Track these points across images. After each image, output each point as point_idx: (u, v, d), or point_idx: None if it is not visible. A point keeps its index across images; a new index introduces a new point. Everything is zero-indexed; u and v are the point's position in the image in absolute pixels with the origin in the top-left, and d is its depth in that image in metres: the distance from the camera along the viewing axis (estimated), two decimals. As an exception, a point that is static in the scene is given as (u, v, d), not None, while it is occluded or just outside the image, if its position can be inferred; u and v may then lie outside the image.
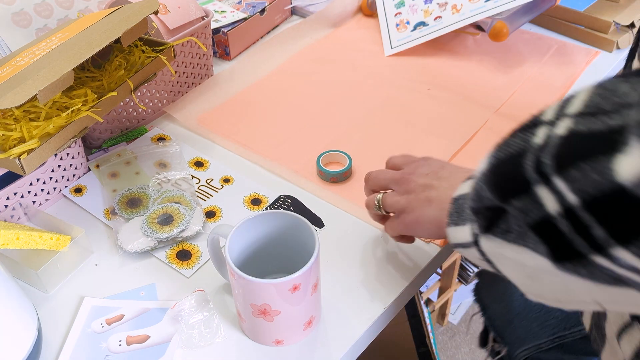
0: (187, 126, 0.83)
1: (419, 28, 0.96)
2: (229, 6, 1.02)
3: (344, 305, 0.59)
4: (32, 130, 0.63)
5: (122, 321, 0.58)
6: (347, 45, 1.00)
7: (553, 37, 0.99)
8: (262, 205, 0.70)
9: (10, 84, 0.59)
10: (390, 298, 0.59)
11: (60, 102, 0.67)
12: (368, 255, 0.63)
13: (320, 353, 0.55)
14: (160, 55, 0.74)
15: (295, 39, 1.01)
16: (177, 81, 0.87)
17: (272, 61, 0.96)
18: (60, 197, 0.72)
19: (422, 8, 0.97)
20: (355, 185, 0.72)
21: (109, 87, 0.71)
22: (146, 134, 0.81)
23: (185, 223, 0.66)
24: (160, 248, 0.65)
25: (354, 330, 0.56)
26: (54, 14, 0.82)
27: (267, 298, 0.50)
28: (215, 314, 0.57)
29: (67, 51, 0.62)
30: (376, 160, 0.76)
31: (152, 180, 0.73)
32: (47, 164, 0.69)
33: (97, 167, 0.75)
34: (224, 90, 0.90)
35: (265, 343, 0.55)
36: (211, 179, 0.74)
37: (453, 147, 0.76)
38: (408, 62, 0.95)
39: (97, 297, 0.60)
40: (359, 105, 0.85)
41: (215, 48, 0.98)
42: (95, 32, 0.65)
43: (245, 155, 0.77)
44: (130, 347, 0.56)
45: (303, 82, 0.91)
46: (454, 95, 0.86)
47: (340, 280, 0.61)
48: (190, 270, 0.63)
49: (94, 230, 0.68)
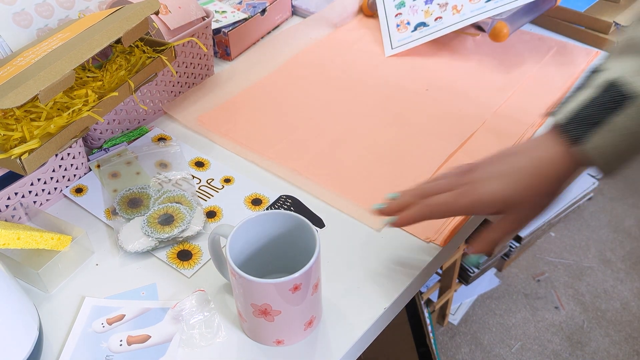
0: (188, 126, 0.83)
1: (419, 28, 0.96)
2: (229, 6, 1.02)
3: (345, 305, 0.59)
4: (33, 130, 0.63)
5: (123, 321, 0.58)
6: (347, 45, 1.00)
7: (553, 38, 0.99)
8: (262, 205, 0.70)
9: (11, 84, 0.59)
10: (390, 298, 0.59)
11: (61, 102, 0.67)
12: (368, 255, 0.63)
13: (321, 353, 0.55)
14: (161, 55, 0.74)
15: (296, 39, 1.01)
16: (178, 81, 0.87)
17: (273, 61, 0.96)
18: (61, 197, 0.72)
19: (422, 9, 0.97)
20: (356, 186, 0.72)
21: (109, 87, 0.71)
22: (147, 134, 0.82)
23: (186, 223, 0.66)
24: (161, 248, 0.65)
25: (355, 330, 0.56)
26: (55, 14, 0.82)
27: (267, 298, 0.50)
28: (216, 314, 0.57)
29: (68, 51, 0.62)
30: (376, 160, 0.76)
31: (153, 180, 0.73)
32: (48, 164, 0.69)
33: (97, 167, 0.75)
34: (224, 90, 0.90)
35: (265, 343, 0.55)
36: (212, 179, 0.74)
37: (451, 147, 0.77)
38: (409, 62, 0.95)
39: (98, 297, 0.60)
40: (360, 105, 0.85)
41: (215, 48, 0.98)
42: (96, 32, 0.65)
43: (245, 156, 0.77)
44: (131, 347, 0.56)
45: (303, 82, 0.91)
46: (454, 96, 0.86)
47: (340, 280, 0.61)
48: (191, 270, 0.63)
49: (95, 230, 0.68)
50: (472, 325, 1.55)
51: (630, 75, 0.46)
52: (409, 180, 0.72)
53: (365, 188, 0.72)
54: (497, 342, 1.51)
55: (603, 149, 0.47)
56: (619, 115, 0.46)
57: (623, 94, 0.46)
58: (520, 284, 1.65)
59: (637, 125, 0.46)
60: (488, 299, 1.62)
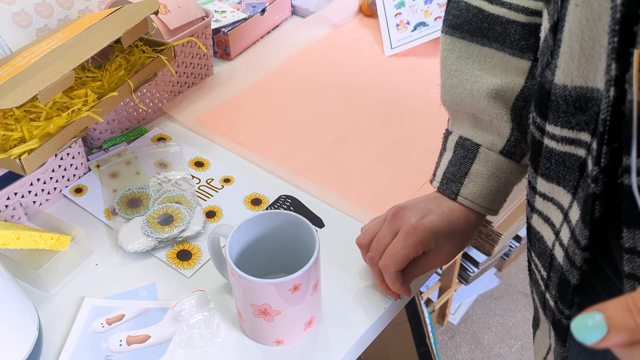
0: (188, 126, 0.83)
1: (419, 28, 0.96)
2: (229, 6, 1.02)
3: (344, 305, 0.59)
4: (32, 130, 0.63)
5: (123, 321, 0.58)
6: (347, 45, 1.00)
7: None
8: (262, 205, 0.70)
9: (10, 84, 0.59)
10: (390, 298, 0.59)
11: (61, 102, 0.67)
12: (368, 255, 0.63)
13: (321, 353, 0.55)
14: (161, 55, 0.74)
15: (296, 39, 1.01)
16: (178, 81, 0.87)
17: (272, 61, 0.96)
18: (61, 197, 0.72)
19: (422, 8, 0.97)
20: (356, 186, 0.72)
21: (109, 87, 0.71)
22: (146, 134, 0.82)
23: (186, 223, 0.66)
24: (161, 248, 0.65)
25: (354, 330, 0.56)
26: (55, 14, 0.82)
27: (267, 298, 0.50)
28: (216, 314, 0.57)
29: (68, 51, 0.62)
30: (376, 160, 0.76)
31: (153, 180, 0.73)
32: (48, 164, 0.69)
33: (97, 167, 0.75)
34: (224, 90, 0.90)
35: (265, 343, 0.55)
36: (211, 179, 0.74)
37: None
38: (408, 62, 0.95)
39: (98, 297, 0.60)
40: (359, 105, 0.85)
41: (215, 48, 0.98)
42: (96, 32, 0.65)
43: (245, 155, 0.77)
44: (130, 347, 0.56)
45: (303, 82, 0.91)
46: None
47: (340, 280, 0.61)
48: (191, 270, 0.63)
49: (95, 230, 0.68)
50: (472, 325, 1.55)
51: (467, 132, 0.55)
52: (409, 180, 0.72)
53: (365, 188, 0.72)
54: (497, 342, 1.51)
55: (472, 197, 0.54)
56: (473, 166, 0.54)
57: (468, 148, 0.54)
58: (520, 284, 1.65)
59: (487, 170, 0.53)
60: (488, 299, 1.62)
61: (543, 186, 0.41)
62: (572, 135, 0.36)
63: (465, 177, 0.54)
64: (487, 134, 0.53)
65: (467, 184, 0.54)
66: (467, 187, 0.54)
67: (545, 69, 0.38)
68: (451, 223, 0.54)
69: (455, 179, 0.55)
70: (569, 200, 0.38)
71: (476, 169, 0.54)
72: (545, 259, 0.43)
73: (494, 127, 0.53)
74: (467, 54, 0.51)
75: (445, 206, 0.55)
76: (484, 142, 0.54)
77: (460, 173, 0.55)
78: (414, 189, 0.71)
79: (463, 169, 0.55)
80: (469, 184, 0.54)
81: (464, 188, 0.54)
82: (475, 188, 0.54)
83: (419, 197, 0.58)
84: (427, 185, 0.72)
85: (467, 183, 0.54)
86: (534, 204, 0.44)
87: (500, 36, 0.49)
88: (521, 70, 0.49)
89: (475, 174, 0.54)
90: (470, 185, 0.54)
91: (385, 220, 0.56)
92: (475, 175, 0.54)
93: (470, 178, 0.54)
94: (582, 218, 0.35)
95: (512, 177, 0.54)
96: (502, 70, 0.50)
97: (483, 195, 0.54)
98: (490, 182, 0.54)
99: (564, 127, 0.37)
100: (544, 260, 0.43)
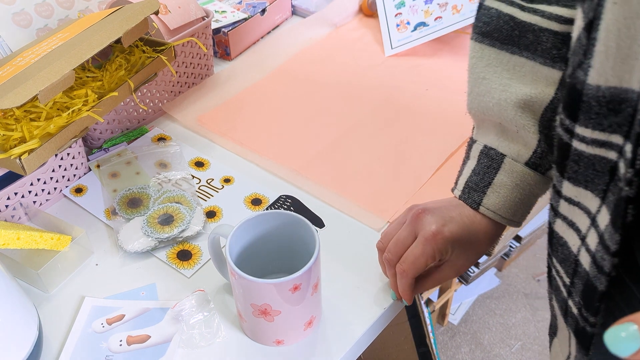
0: (188, 126, 0.83)
1: (419, 28, 0.96)
2: (229, 6, 1.02)
3: (344, 305, 0.59)
4: (32, 130, 0.63)
5: (123, 321, 0.58)
6: (347, 45, 1.00)
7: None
8: (262, 205, 0.70)
9: (11, 84, 0.59)
10: (390, 298, 0.59)
11: (61, 102, 0.67)
12: (368, 255, 0.63)
13: (321, 353, 0.55)
14: (161, 55, 0.74)
15: (296, 39, 1.01)
16: (178, 81, 0.87)
17: (273, 61, 0.96)
18: (61, 197, 0.72)
19: (422, 8, 0.97)
20: (356, 185, 0.72)
21: (109, 87, 0.71)
22: (147, 134, 0.82)
23: (186, 223, 0.66)
24: (161, 248, 0.65)
25: (354, 330, 0.56)
26: (55, 14, 0.82)
27: (267, 298, 0.50)
28: (216, 314, 0.57)
29: (68, 51, 0.62)
30: (376, 160, 0.76)
31: (153, 180, 0.73)
32: (48, 164, 0.69)
33: (97, 167, 0.75)
34: (224, 90, 0.90)
35: (265, 343, 0.55)
36: (212, 179, 0.74)
37: (451, 147, 0.77)
38: (408, 62, 0.95)
39: (98, 297, 0.60)
40: (359, 105, 0.85)
41: (215, 48, 0.98)
42: (96, 32, 0.65)
43: (245, 155, 0.77)
44: (130, 347, 0.56)
45: (303, 82, 0.91)
46: (453, 96, 0.86)
47: (340, 280, 0.61)
48: (191, 270, 0.63)
49: (95, 230, 0.68)
50: (472, 325, 1.55)
51: (493, 142, 0.54)
52: (409, 180, 0.72)
53: (365, 188, 0.72)
54: (497, 342, 1.51)
55: (495, 208, 0.53)
56: (497, 176, 0.53)
57: (493, 158, 0.53)
58: (520, 284, 1.65)
59: (511, 181, 0.52)
60: (488, 299, 1.62)
61: (569, 190, 0.40)
62: (603, 137, 0.35)
63: (488, 187, 0.53)
64: (513, 145, 0.52)
65: (490, 194, 0.53)
66: (489, 198, 0.53)
67: (576, 69, 0.36)
68: (470, 234, 0.53)
69: (478, 188, 0.54)
70: (597, 205, 0.37)
71: (500, 180, 0.53)
72: (569, 265, 0.41)
73: (520, 138, 0.51)
74: (496, 62, 0.50)
75: (467, 216, 0.54)
76: (510, 153, 0.52)
77: (483, 183, 0.53)
78: (414, 189, 0.71)
79: (487, 178, 0.53)
80: (491, 194, 0.53)
81: (486, 198, 0.53)
82: (498, 199, 0.53)
83: (440, 200, 0.56)
84: (427, 185, 0.72)
85: (490, 193, 0.53)
86: (558, 208, 0.42)
87: (532, 44, 0.47)
88: (552, 80, 0.47)
89: (499, 185, 0.53)
90: (493, 196, 0.53)
91: (404, 222, 0.55)
92: (498, 185, 0.53)
93: (493, 188, 0.53)
94: (613, 222, 0.34)
95: (537, 189, 0.53)
96: (532, 80, 0.48)
97: (506, 206, 0.53)
98: (513, 193, 0.53)
99: (595, 129, 0.35)
100: (567, 267, 0.42)
